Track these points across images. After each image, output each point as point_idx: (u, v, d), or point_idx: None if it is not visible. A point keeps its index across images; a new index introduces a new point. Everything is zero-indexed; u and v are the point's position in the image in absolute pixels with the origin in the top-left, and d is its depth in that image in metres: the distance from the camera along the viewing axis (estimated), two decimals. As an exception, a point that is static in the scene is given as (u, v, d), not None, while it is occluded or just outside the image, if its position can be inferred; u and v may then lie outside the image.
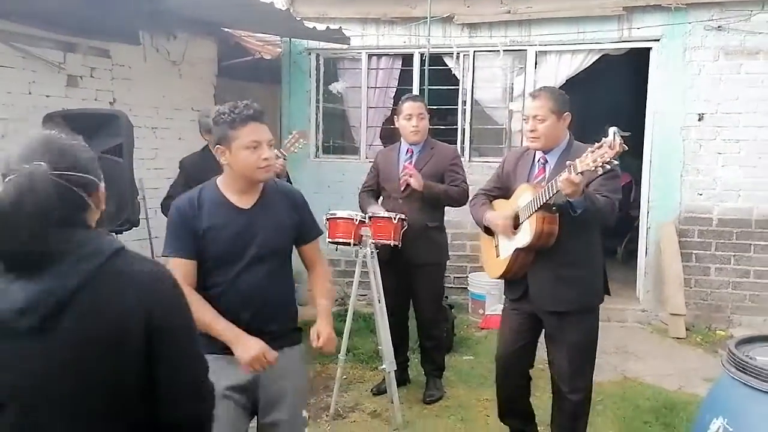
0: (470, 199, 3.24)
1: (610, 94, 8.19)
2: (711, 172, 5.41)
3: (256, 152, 2.11)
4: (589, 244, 2.77)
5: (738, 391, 1.99)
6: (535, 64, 5.78)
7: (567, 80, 5.81)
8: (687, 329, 5.25)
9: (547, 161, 2.81)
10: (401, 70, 6.20)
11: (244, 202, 2.21)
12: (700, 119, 5.39)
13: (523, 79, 5.83)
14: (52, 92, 4.64)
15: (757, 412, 1.93)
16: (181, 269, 2.09)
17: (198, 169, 4.18)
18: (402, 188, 3.76)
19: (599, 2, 5.51)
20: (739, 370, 2.01)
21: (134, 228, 4.14)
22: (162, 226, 5.55)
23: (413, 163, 3.83)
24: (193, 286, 2.11)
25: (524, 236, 2.66)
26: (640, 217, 5.94)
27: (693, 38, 5.35)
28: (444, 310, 4.40)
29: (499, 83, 5.90)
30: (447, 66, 6.01)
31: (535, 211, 2.58)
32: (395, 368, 3.65)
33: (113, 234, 4.02)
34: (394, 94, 6.18)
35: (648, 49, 5.56)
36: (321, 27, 5.45)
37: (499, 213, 2.86)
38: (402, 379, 4.08)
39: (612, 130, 2.27)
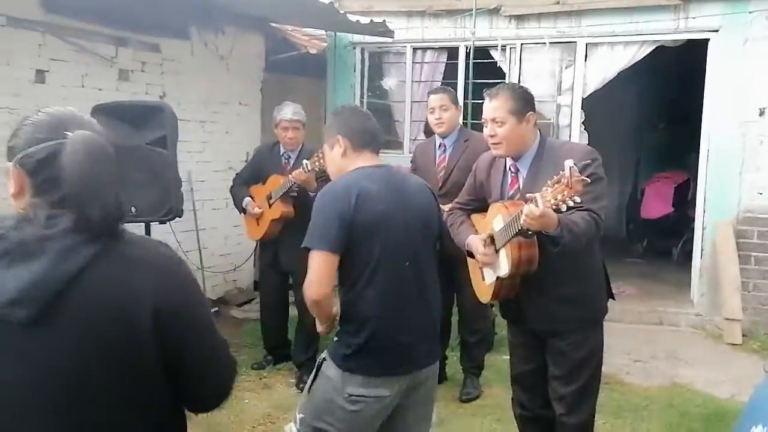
0: (447, 213, 2.86)
1: (666, 88, 7.90)
2: (773, 169, 5.12)
3: None
4: (583, 256, 2.43)
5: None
6: (585, 56, 5.60)
7: (619, 73, 5.62)
8: (743, 335, 4.99)
9: (519, 170, 2.51)
10: (446, 63, 6.12)
11: None
12: (761, 114, 5.10)
13: (572, 72, 5.66)
14: (104, 86, 4.78)
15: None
16: None
17: (262, 159, 4.27)
18: (439, 185, 3.70)
19: (654, -9, 5.29)
20: (787, 377, 1.88)
21: (179, 219, 4.24)
22: (209, 217, 5.71)
23: (447, 157, 3.78)
24: None
25: (503, 265, 2.40)
26: (695, 217, 5.68)
27: (754, 28, 5.06)
28: (486, 306, 4.31)
29: (548, 76, 5.74)
30: (493, 59, 5.90)
31: (509, 239, 2.30)
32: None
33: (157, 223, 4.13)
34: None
35: (706, 41, 5.30)
36: (365, 20, 5.43)
37: (478, 240, 2.53)
38: (439, 377, 4.01)
39: (568, 163, 1.94)
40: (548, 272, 2.38)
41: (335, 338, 2.12)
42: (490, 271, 2.56)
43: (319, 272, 2.00)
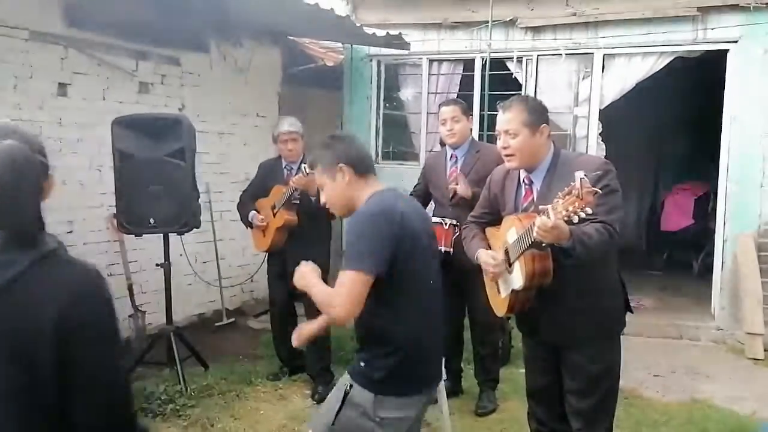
0: (462, 227, 2.89)
1: (685, 97, 7.81)
2: (795, 181, 5.04)
3: None
4: (599, 268, 2.42)
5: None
6: (603, 67, 5.58)
7: (637, 84, 5.59)
8: (765, 350, 4.90)
9: (532, 182, 2.50)
10: (462, 75, 6.13)
11: None
12: (782, 126, 5.04)
13: (589, 83, 5.64)
14: (125, 98, 4.86)
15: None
16: None
17: (266, 174, 4.31)
18: (450, 196, 3.70)
19: (672, 2, 5.26)
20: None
21: (197, 230, 4.28)
22: (226, 228, 5.76)
23: (459, 168, 3.78)
24: None
25: (517, 278, 2.38)
26: (716, 229, 5.60)
27: (774, 39, 5.02)
28: (499, 319, 4.29)
29: (565, 88, 5.72)
30: (509, 70, 5.90)
31: (523, 252, 2.28)
32: (446, 378, 3.58)
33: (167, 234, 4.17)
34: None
35: (725, 52, 5.26)
36: (381, 33, 5.46)
37: (490, 255, 2.54)
38: (454, 390, 4.00)
39: (578, 175, 1.92)
40: (563, 284, 2.36)
41: (362, 363, 2.06)
42: (505, 285, 2.55)
43: (357, 294, 1.92)
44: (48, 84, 4.36)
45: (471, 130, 3.89)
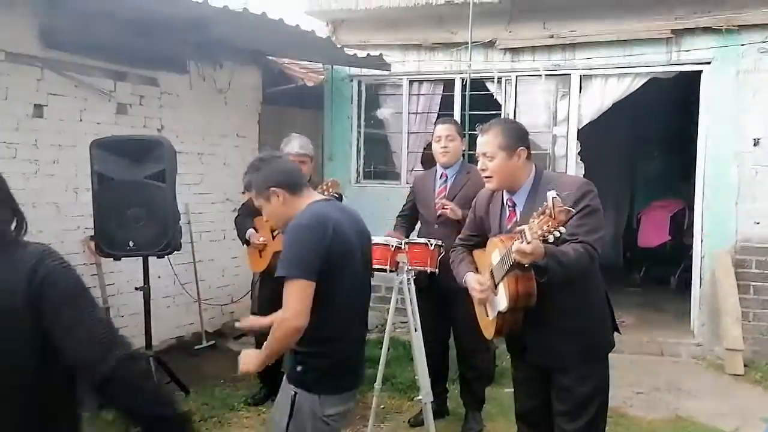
0: (450, 249, 2.90)
1: (661, 116, 7.97)
2: (768, 199, 5.15)
3: None
4: (585, 289, 2.44)
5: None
6: (580, 88, 5.67)
7: (614, 104, 5.69)
8: (745, 365, 4.96)
9: (515, 204, 2.52)
10: (443, 95, 6.18)
11: None
12: (755, 144, 5.15)
13: (567, 104, 5.72)
14: (103, 119, 4.78)
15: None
16: None
17: None
18: (437, 214, 3.70)
19: (646, 25, 5.38)
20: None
21: (177, 252, 4.21)
22: (206, 249, 5.67)
23: (448, 187, 3.79)
24: None
25: (502, 300, 2.40)
26: (693, 246, 5.69)
27: (746, 61, 5.14)
28: (487, 340, 4.27)
29: (543, 108, 5.80)
30: (489, 91, 5.96)
31: (506, 273, 2.29)
32: (432, 399, 3.54)
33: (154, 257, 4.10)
34: (435, 119, 6.15)
35: (699, 72, 5.38)
36: (362, 54, 5.49)
37: (477, 280, 2.54)
38: (440, 411, 3.96)
39: (550, 195, 1.94)
40: (550, 306, 2.37)
41: (299, 368, 2.18)
42: (492, 307, 2.55)
43: (306, 299, 2.07)
44: (24, 105, 4.27)
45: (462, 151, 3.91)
